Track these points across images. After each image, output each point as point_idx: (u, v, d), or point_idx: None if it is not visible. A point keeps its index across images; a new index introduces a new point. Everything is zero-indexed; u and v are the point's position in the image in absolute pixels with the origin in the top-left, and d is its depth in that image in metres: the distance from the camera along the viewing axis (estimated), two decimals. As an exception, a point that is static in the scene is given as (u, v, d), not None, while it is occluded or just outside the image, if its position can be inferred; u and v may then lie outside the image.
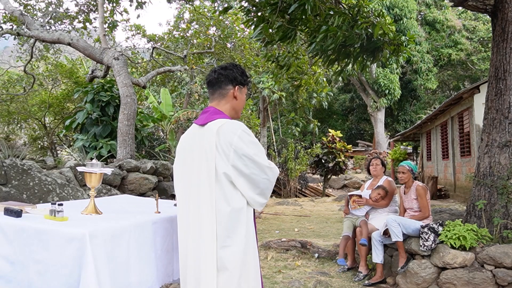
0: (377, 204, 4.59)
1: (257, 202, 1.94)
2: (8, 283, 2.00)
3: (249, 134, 1.94)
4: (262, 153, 1.94)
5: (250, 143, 1.91)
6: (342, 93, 30.41)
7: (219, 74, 2.08)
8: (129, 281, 2.05)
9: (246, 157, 1.88)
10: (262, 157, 1.93)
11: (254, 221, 2.01)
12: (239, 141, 1.89)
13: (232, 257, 1.86)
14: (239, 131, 1.92)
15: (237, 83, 2.08)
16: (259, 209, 1.99)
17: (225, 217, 1.87)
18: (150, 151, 11.57)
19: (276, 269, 4.70)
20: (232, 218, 1.87)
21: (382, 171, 4.92)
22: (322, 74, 10.54)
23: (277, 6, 4.71)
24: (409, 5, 21.82)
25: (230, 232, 1.87)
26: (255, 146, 1.92)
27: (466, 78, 27.84)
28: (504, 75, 4.21)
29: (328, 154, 14.05)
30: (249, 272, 1.90)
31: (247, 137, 1.91)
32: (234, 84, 2.07)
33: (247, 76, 2.15)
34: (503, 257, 3.58)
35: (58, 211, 2.10)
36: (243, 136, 1.90)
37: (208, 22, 14.80)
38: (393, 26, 5.29)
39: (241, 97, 2.11)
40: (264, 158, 1.94)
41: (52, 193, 5.35)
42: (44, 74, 15.32)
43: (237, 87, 2.08)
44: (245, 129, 1.94)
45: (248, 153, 1.89)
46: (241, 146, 1.89)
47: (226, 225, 1.87)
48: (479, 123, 9.08)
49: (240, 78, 2.09)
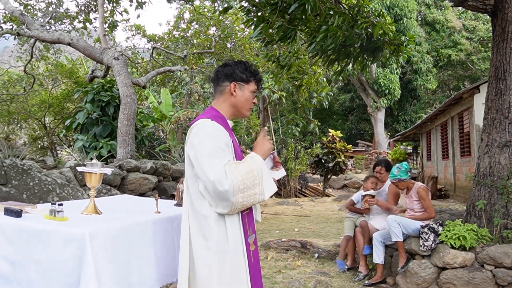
0: (384, 206, 4.54)
1: (215, 208, 1.86)
2: (8, 283, 2.00)
3: (206, 136, 1.85)
4: (214, 158, 1.81)
5: (199, 143, 1.84)
6: (342, 93, 30.41)
7: (217, 71, 2.05)
8: (129, 281, 2.05)
9: (195, 157, 1.86)
10: (207, 162, 1.80)
11: (244, 223, 1.93)
12: (194, 141, 1.87)
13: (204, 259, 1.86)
14: (200, 130, 1.87)
15: (234, 79, 1.99)
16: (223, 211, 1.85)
17: (196, 219, 1.90)
18: (150, 151, 11.57)
19: (276, 269, 4.70)
20: (200, 220, 1.88)
21: (388, 176, 4.72)
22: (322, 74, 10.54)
23: (277, 6, 4.71)
24: (409, 5, 21.83)
25: (205, 234, 1.87)
26: (203, 148, 1.83)
27: (466, 78, 27.84)
28: (504, 75, 4.21)
29: (328, 154, 14.04)
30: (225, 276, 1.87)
31: (198, 137, 1.86)
32: (231, 80, 1.99)
33: (252, 72, 2.02)
34: (503, 257, 3.58)
35: (58, 211, 2.10)
36: (198, 135, 1.87)
37: (208, 22, 14.80)
38: (393, 26, 5.29)
39: (241, 94, 1.99)
40: (211, 165, 1.79)
41: (52, 193, 5.35)
42: (44, 74, 15.33)
43: (233, 83, 1.99)
44: (205, 129, 1.87)
45: (194, 155, 1.85)
46: (194, 147, 1.86)
47: (199, 226, 1.89)
48: (479, 123, 9.08)
49: (239, 74, 1.99)
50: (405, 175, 4.16)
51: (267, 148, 1.99)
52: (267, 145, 1.99)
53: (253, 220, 2.02)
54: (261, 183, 1.87)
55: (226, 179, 1.77)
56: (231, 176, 1.78)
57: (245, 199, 1.82)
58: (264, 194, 1.88)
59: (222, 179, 1.77)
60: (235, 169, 1.81)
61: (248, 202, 1.85)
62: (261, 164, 1.91)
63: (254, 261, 1.96)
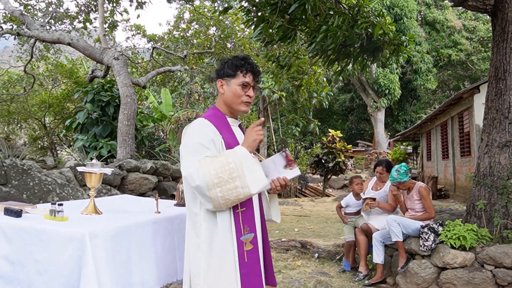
0: (385, 208, 4.53)
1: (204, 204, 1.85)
2: (8, 283, 2.00)
3: (191, 133, 1.88)
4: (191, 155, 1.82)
5: (184, 141, 1.90)
6: (342, 93, 30.41)
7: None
8: (130, 281, 2.05)
9: (180, 155, 1.92)
10: (185, 158, 1.83)
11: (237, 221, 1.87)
12: (183, 140, 1.92)
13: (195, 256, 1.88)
14: (188, 129, 1.93)
15: (220, 76, 1.99)
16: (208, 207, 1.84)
17: (189, 216, 1.93)
18: (150, 151, 11.57)
19: (276, 269, 4.70)
20: (192, 217, 1.92)
21: (388, 176, 4.64)
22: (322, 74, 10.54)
23: (277, 6, 4.71)
24: (409, 5, 21.84)
25: (196, 231, 1.89)
26: (185, 145, 1.87)
27: (466, 78, 27.84)
28: (504, 75, 4.21)
29: (328, 154, 14.04)
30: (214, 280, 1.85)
31: (185, 136, 1.91)
32: (218, 77, 2.00)
33: (237, 65, 1.96)
34: (503, 257, 3.58)
35: (58, 211, 2.10)
36: (186, 134, 1.91)
37: (208, 22, 14.81)
38: (393, 26, 5.29)
39: (228, 89, 1.96)
40: (187, 161, 1.81)
41: (52, 193, 5.35)
42: (44, 74, 15.33)
43: (219, 80, 1.99)
44: (192, 127, 1.91)
45: (180, 153, 1.91)
46: (181, 145, 1.91)
47: (191, 223, 1.92)
48: (479, 123, 9.08)
49: (225, 70, 1.96)
50: (405, 177, 4.15)
51: (252, 139, 1.87)
52: (253, 136, 1.87)
53: (253, 218, 1.92)
54: (241, 176, 1.77)
55: (197, 175, 1.75)
56: (203, 171, 1.75)
57: (225, 193, 1.76)
58: (249, 187, 1.78)
59: (193, 174, 1.75)
60: (210, 164, 1.76)
61: (231, 197, 1.77)
62: (242, 156, 1.80)
63: (250, 261, 1.87)
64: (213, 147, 1.86)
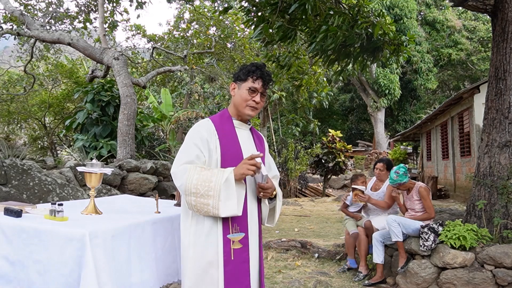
0: (378, 204, 4.55)
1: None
2: (8, 283, 2.00)
3: (189, 132, 2.02)
4: (182, 152, 1.95)
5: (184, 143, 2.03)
6: (342, 93, 30.41)
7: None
8: (130, 281, 2.05)
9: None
10: (177, 155, 1.97)
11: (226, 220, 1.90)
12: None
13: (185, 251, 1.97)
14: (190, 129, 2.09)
15: (234, 80, 2.09)
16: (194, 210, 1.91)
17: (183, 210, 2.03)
18: (150, 151, 11.56)
19: (276, 269, 4.70)
20: (185, 212, 2.00)
21: (387, 175, 4.65)
22: (322, 74, 10.54)
23: (277, 6, 4.71)
24: (409, 5, 21.83)
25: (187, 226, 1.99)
26: (183, 143, 2.01)
27: (466, 78, 27.83)
28: (504, 75, 4.21)
29: (328, 154, 14.05)
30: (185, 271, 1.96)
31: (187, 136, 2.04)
32: (232, 81, 2.11)
33: (250, 70, 2.03)
34: (503, 257, 3.58)
35: (58, 211, 2.10)
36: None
37: (208, 22, 14.80)
38: (393, 26, 5.29)
39: (237, 92, 2.05)
40: (177, 158, 1.95)
41: (52, 193, 5.35)
42: (44, 74, 15.32)
43: (232, 83, 2.09)
44: (192, 127, 2.04)
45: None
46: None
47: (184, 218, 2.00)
48: (479, 123, 9.08)
49: (239, 74, 2.06)
50: (404, 178, 4.14)
51: (241, 172, 1.86)
52: (243, 169, 1.86)
53: (246, 220, 1.95)
54: (216, 197, 1.81)
55: (181, 177, 1.86)
56: (187, 175, 1.85)
57: (197, 204, 1.84)
58: (219, 210, 1.82)
59: (178, 175, 1.89)
60: (196, 173, 1.85)
61: (201, 210, 1.85)
62: (226, 180, 1.83)
63: (236, 259, 1.90)
64: (205, 147, 1.95)
